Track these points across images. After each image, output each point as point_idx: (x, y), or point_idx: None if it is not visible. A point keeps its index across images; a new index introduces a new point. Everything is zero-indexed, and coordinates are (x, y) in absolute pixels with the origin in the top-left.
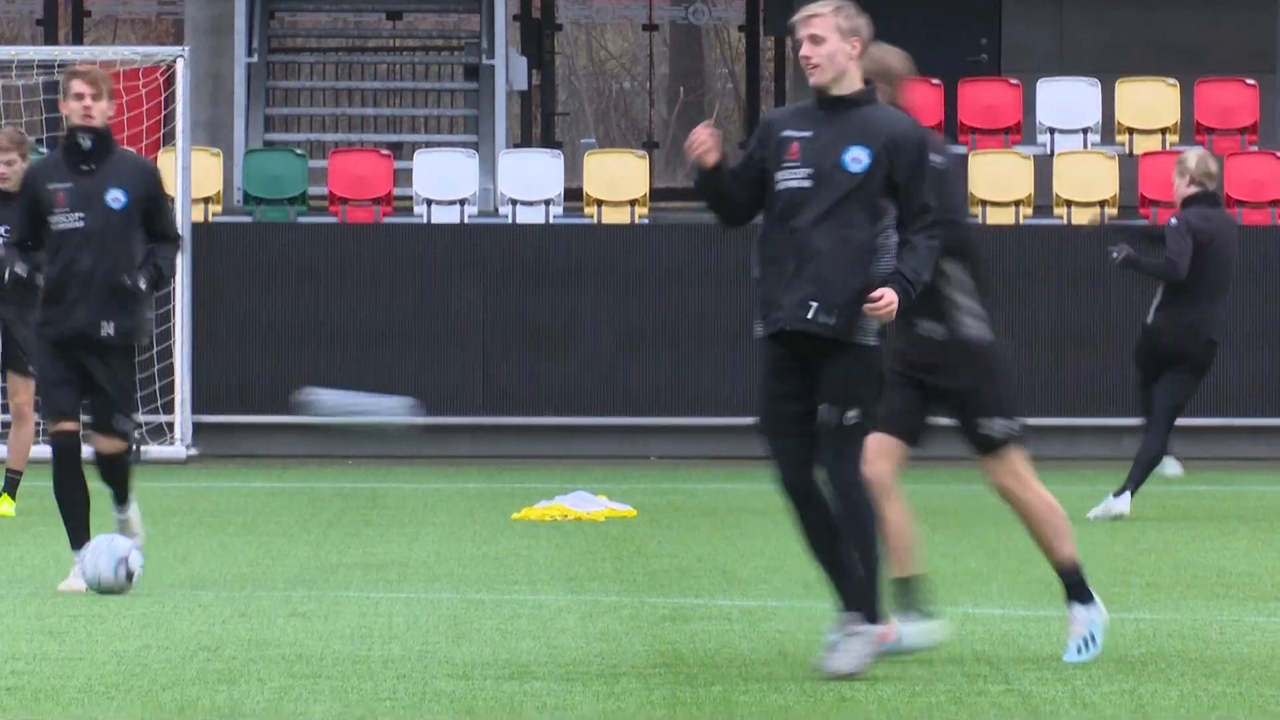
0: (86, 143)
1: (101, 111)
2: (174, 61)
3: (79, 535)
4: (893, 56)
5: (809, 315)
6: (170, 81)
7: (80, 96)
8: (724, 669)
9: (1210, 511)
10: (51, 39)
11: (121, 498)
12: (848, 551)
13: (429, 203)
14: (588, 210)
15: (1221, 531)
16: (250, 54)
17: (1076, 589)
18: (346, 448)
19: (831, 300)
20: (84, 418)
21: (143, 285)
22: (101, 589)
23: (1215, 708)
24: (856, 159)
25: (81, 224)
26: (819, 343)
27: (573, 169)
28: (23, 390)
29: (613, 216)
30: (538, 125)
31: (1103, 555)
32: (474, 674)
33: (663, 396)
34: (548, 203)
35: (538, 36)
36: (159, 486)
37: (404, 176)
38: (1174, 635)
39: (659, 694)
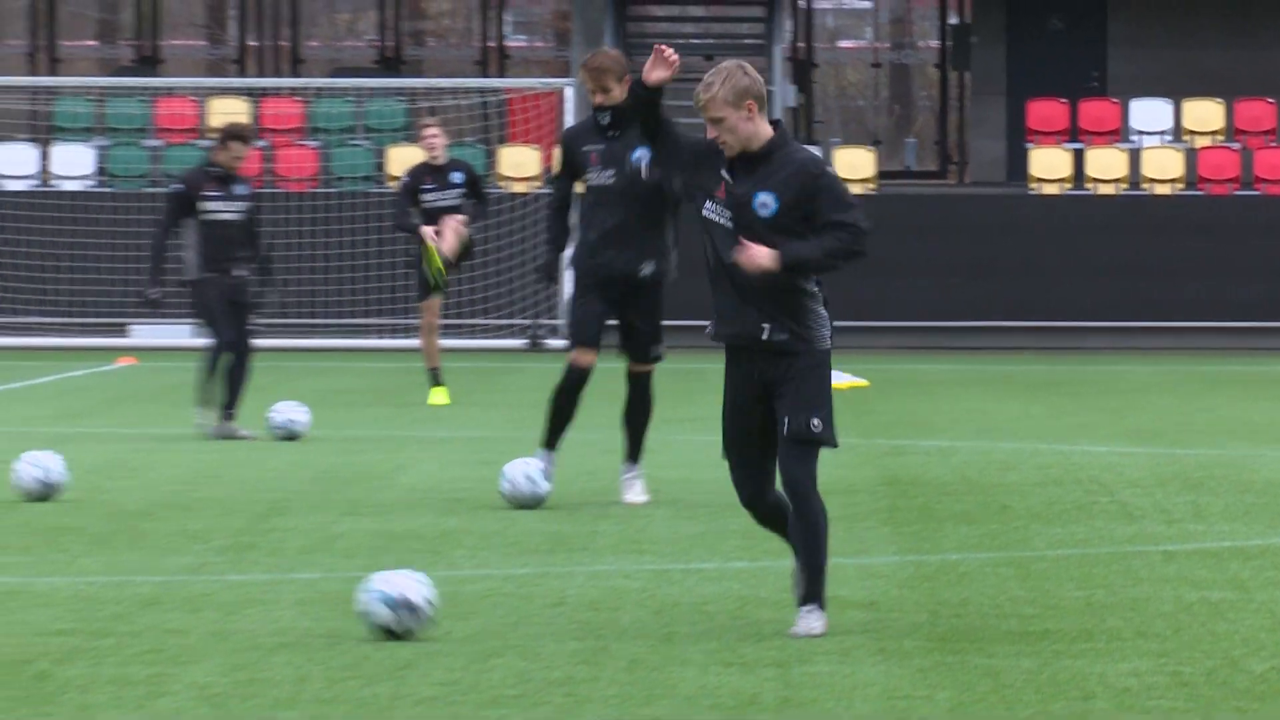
0: (605, 119)
1: (614, 96)
2: (563, 90)
3: (553, 438)
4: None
5: (764, 337)
6: (562, 103)
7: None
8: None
9: None
10: (490, 74)
11: (646, 412)
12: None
13: None
14: None
15: None
16: None
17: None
18: None
19: (780, 321)
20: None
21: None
22: (517, 501)
23: None
24: (764, 204)
25: (612, 181)
26: (776, 354)
27: (826, 157)
28: (430, 310)
29: (852, 189)
30: (803, 130)
31: None
32: None
33: (871, 307)
34: None
35: (802, 71)
36: None
37: None
38: None
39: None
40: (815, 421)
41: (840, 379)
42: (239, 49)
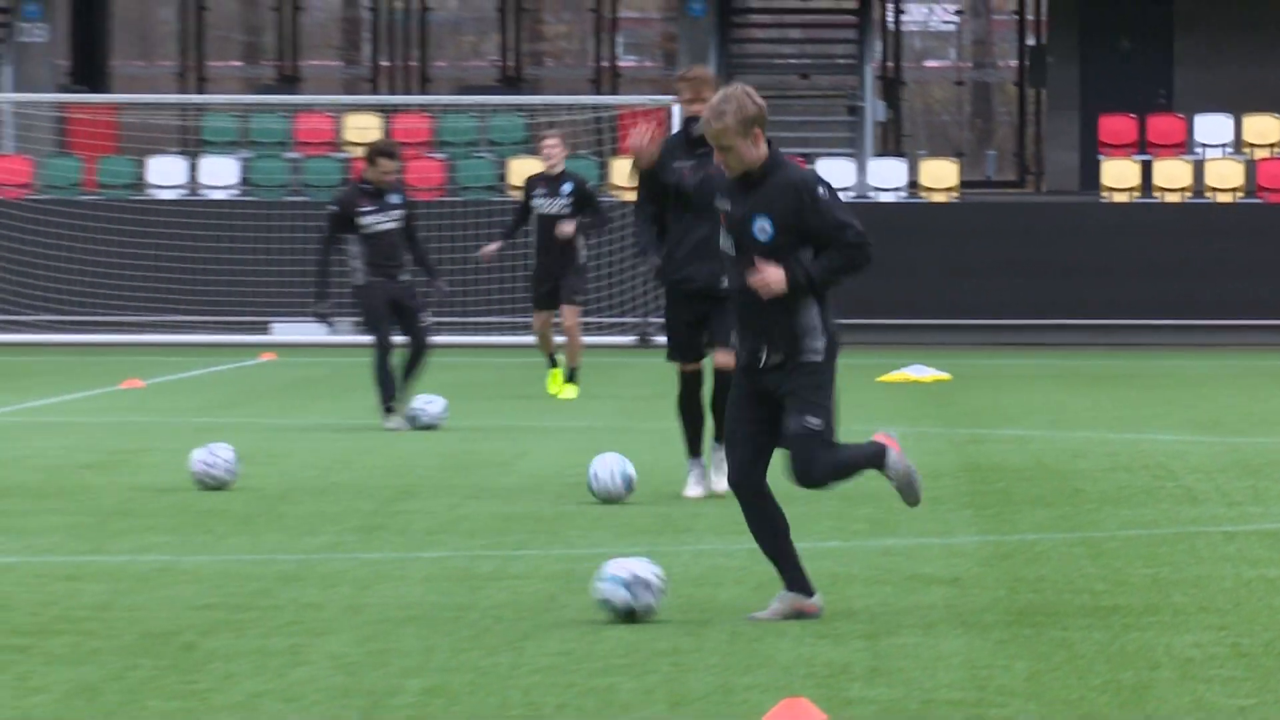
0: (697, 131)
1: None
2: (670, 106)
3: (695, 446)
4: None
5: (761, 363)
6: (670, 118)
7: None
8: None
9: None
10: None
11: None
12: (789, 541)
13: None
14: (921, 193)
15: None
16: None
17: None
18: None
19: (775, 344)
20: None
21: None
22: (608, 496)
23: None
24: (762, 229)
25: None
26: (773, 371)
27: (912, 168)
28: (569, 316)
29: (937, 197)
30: (891, 142)
31: None
32: None
33: (959, 304)
34: (896, 189)
35: (891, 88)
36: None
37: None
38: None
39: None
40: (811, 420)
41: (924, 373)
42: (372, 69)
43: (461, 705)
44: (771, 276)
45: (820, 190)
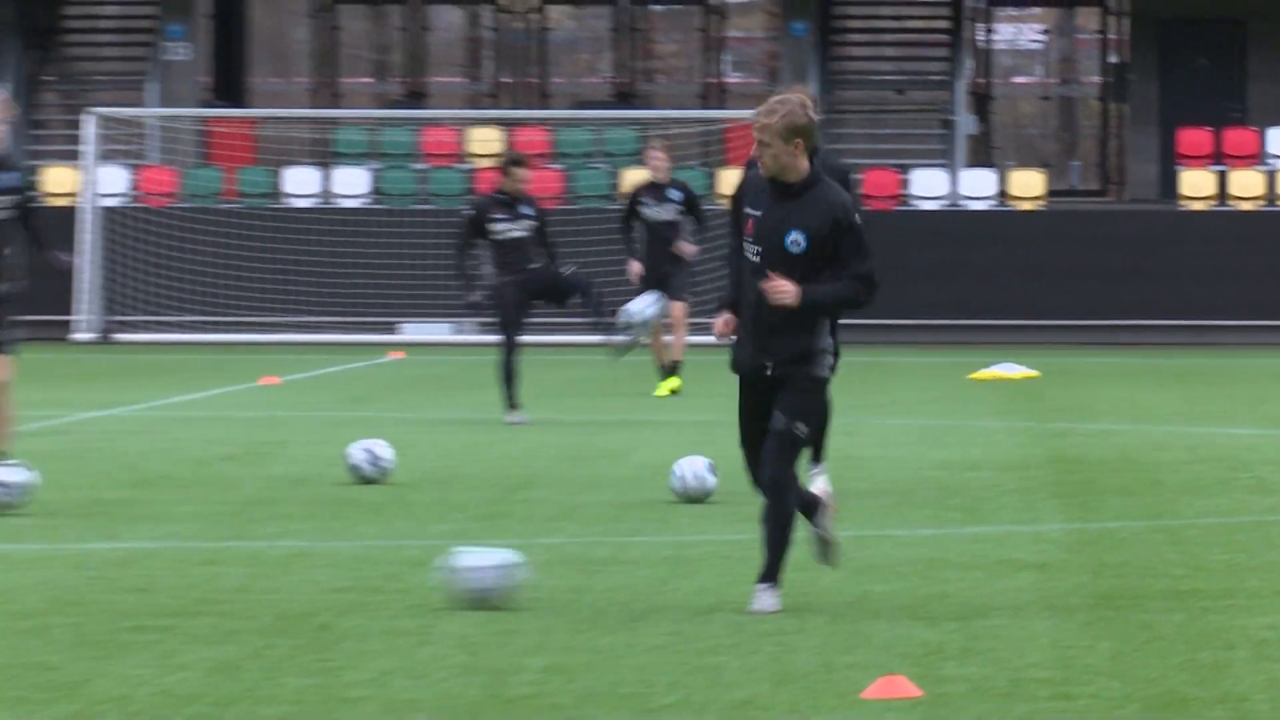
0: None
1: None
2: None
3: (815, 451)
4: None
5: (767, 372)
6: None
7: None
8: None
9: None
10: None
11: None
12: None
13: (916, 199)
14: (1010, 202)
15: None
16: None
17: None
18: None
19: (781, 358)
20: None
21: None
22: (686, 496)
23: None
24: (795, 242)
25: None
26: (778, 381)
27: (1001, 179)
28: (679, 311)
29: (1024, 206)
30: (982, 154)
31: None
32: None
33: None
34: (986, 198)
35: (982, 103)
36: None
37: (902, 184)
38: None
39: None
40: (800, 425)
41: (1014, 370)
42: (494, 85)
43: (578, 683)
44: (786, 290)
45: (857, 218)
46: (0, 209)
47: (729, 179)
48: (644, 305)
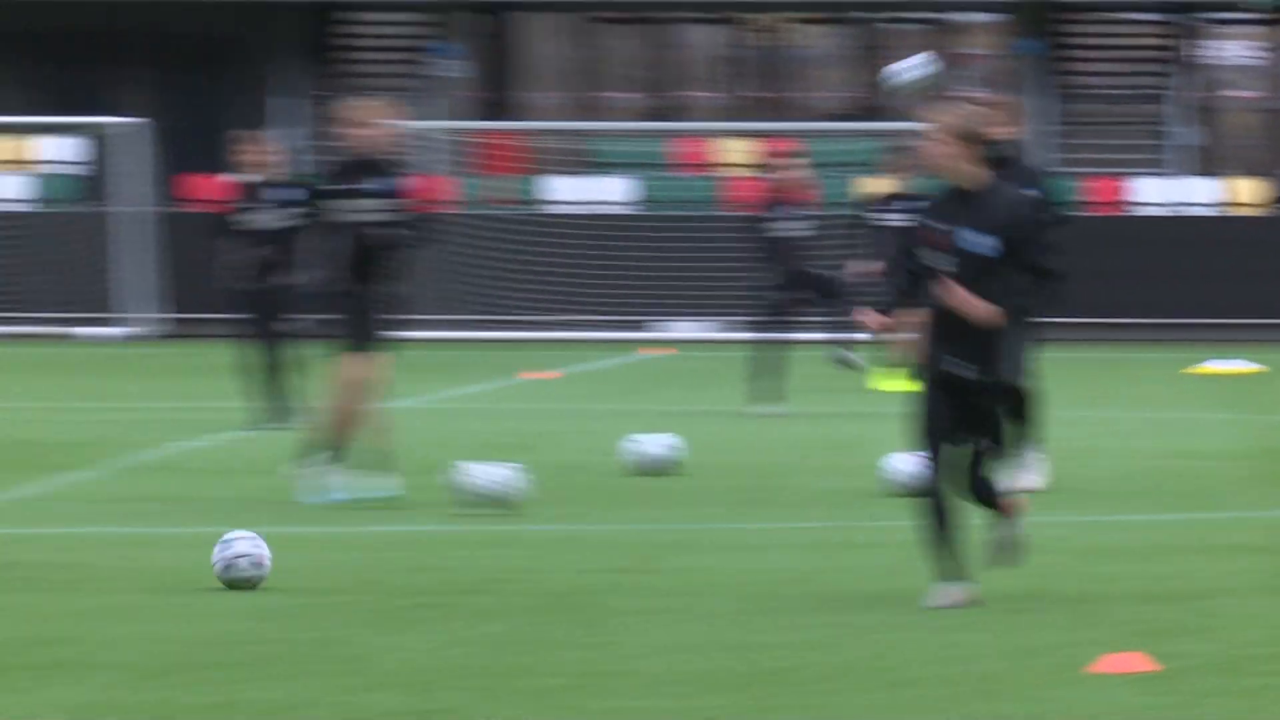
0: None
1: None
2: None
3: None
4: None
5: (956, 370)
6: None
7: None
8: None
9: None
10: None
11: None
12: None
13: (1142, 205)
14: (1230, 209)
15: None
16: None
17: None
18: None
19: (972, 361)
20: None
21: None
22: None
23: None
24: (984, 244)
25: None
26: (962, 383)
27: (1223, 187)
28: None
29: (1245, 212)
30: (1203, 164)
31: None
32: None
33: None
34: (1208, 205)
35: (1203, 116)
36: None
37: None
38: None
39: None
40: (989, 442)
41: (1240, 366)
42: (743, 99)
43: (836, 656)
44: (974, 304)
45: (1040, 217)
46: (379, 211)
47: None
48: (910, 65)
